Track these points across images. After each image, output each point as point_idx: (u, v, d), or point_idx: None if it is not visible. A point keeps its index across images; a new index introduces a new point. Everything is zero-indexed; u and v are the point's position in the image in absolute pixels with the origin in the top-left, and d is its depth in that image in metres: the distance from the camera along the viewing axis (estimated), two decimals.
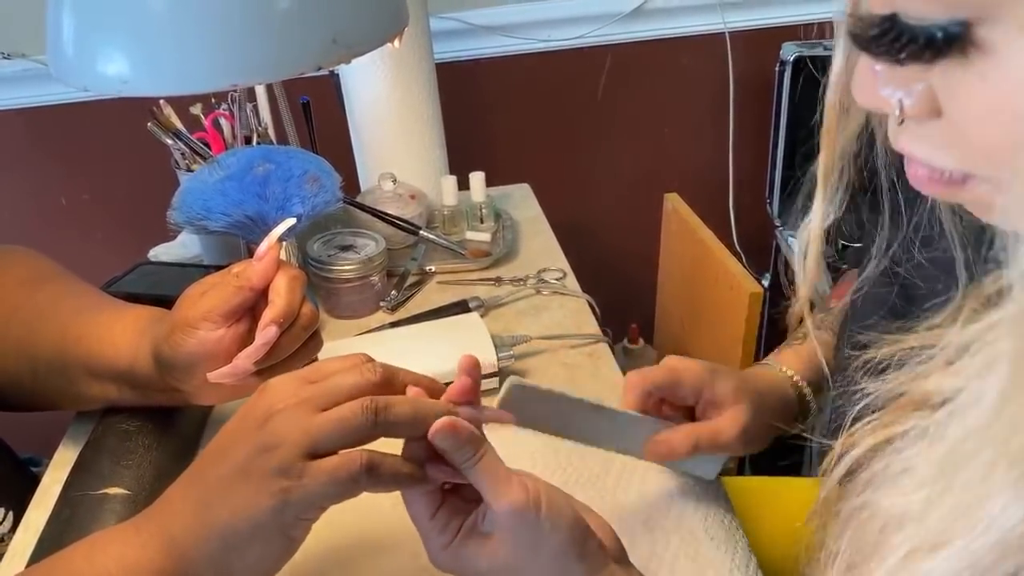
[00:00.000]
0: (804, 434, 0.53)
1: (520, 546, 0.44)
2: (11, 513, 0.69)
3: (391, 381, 0.47)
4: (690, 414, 0.62)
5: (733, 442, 0.59)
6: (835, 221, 0.46)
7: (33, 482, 0.72)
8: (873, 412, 0.40)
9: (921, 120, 0.31)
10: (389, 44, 0.63)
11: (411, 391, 0.47)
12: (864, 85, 0.32)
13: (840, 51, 0.37)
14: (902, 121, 0.32)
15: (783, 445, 0.63)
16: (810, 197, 0.47)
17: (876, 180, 0.46)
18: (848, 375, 0.43)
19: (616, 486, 0.65)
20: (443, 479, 0.46)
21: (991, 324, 0.31)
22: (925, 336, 0.39)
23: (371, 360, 0.48)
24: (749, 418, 0.59)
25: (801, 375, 0.66)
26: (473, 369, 0.48)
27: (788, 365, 0.67)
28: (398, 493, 0.46)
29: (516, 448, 0.45)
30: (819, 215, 0.45)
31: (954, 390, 0.33)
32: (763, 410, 0.61)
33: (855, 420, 0.41)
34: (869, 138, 0.43)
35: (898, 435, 0.37)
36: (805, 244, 0.48)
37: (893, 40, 0.29)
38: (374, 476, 0.43)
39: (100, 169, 1.39)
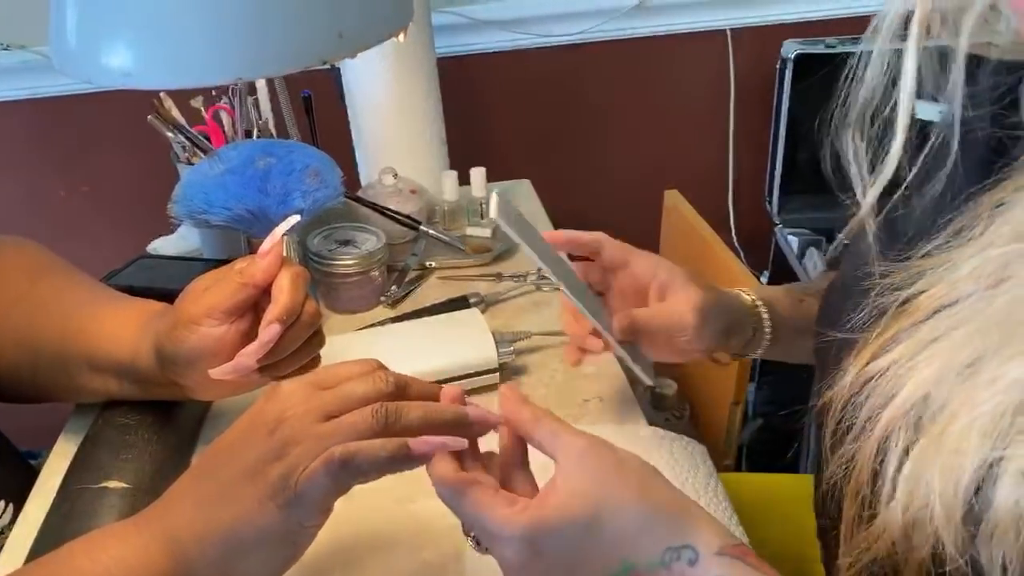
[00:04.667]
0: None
1: (607, 472, 0.42)
2: (11, 506, 0.68)
3: (404, 391, 0.46)
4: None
5: (690, 318, 0.60)
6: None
7: (32, 475, 0.71)
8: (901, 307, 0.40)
9: None
10: (393, 38, 0.63)
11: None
12: None
13: None
14: None
15: (780, 441, 0.64)
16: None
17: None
18: (869, 297, 0.43)
19: None
20: (428, 451, 0.44)
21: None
22: (938, 259, 0.39)
23: (383, 368, 0.47)
24: (703, 299, 0.61)
25: (760, 297, 0.67)
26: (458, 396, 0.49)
27: (751, 290, 0.68)
28: (401, 492, 0.46)
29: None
30: (910, 85, 0.41)
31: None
32: (716, 298, 0.63)
33: (879, 319, 0.41)
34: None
35: (931, 313, 0.37)
36: (862, 113, 0.44)
37: None
38: (352, 467, 0.42)
39: (99, 161, 1.39)
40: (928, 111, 0.44)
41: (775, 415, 1.46)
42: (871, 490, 0.38)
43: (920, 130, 0.45)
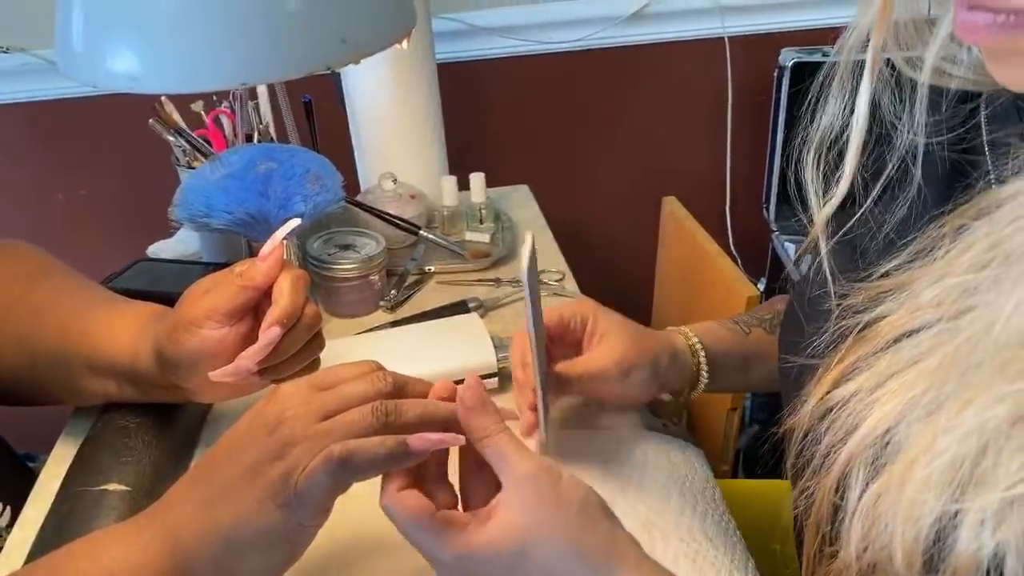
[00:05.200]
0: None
1: (544, 507, 0.42)
2: (9, 508, 0.68)
3: (402, 391, 0.47)
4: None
5: (609, 370, 0.61)
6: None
7: (30, 478, 0.71)
8: (861, 332, 0.40)
9: None
10: (396, 45, 0.63)
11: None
12: None
13: None
14: None
15: (776, 448, 0.64)
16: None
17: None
18: (829, 320, 0.43)
19: (615, 487, 0.65)
20: (427, 448, 0.44)
21: (996, 220, 0.32)
22: (899, 279, 0.39)
23: (382, 368, 0.48)
24: (623, 352, 0.62)
25: (698, 337, 0.68)
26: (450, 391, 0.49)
27: (691, 330, 0.69)
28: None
29: None
30: (865, 96, 0.43)
31: (959, 285, 0.34)
32: (643, 347, 0.64)
33: (840, 343, 0.41)
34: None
35: (894, 339, 0.38)
36: (821, 139, 0.46)
37: None
38: (351, 466, 0.43)
39: (98, 165, 1.39)
40: None
41: (771, 422, 1.47)
42: (831, 526, 0.38)
43: (878, 155, 0.46)
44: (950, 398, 0.32)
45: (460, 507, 0.48)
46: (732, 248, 1.55)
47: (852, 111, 0.44)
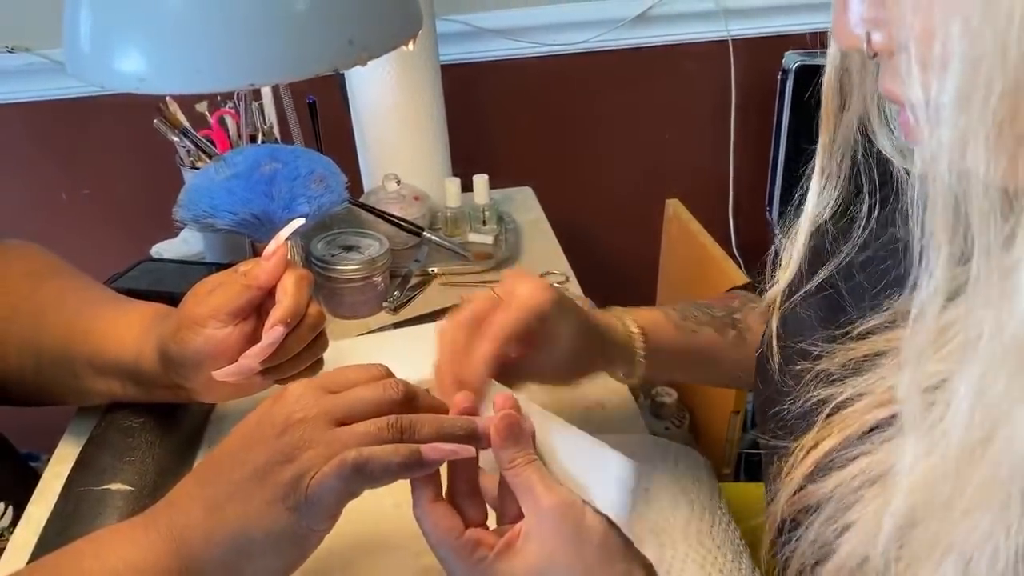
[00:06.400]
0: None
1: (564, 542, 0.43)
2: (11, 508, 0.68)
3: (413, 400, 0.47)
4: None
5: (544, 300, 0.53)
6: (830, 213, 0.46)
7: (33, 477, 0.72)
8: (830, 415, 0.41)
9: (892, 56, 0.32)
10: (402, 46, 0.63)
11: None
12: (838, 25, 0.34)
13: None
14: (874, 56, 0.33)
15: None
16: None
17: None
18: (801, 386, 0.44)
19: None
20: (440, 459, 0.44)
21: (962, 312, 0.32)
22: (875, 343, 0.39)
23: (392, 375, 0.48)
24: (551, 287, 0.54)
25: (639, 326, 0.62)
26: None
27: (633, 316, 0.63)
28: (400, 496, 0.46)
29: None
30: (814, 196, 0.45)
31: (932, 375, 0.33)
32: (572, 315, 0.56)
33: (811, 423, 0.41)
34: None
35: (867, 430, 0.38)
36: (796, 228, 0.47)
37: None
38: (365, 473, 0.42)
39: (101, 165, 1.39)
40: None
41: None
42: None
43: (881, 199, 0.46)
44: (920, 551, 0.32)
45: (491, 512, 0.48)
46: (735, 251, 1.55)
47: (840, 197, 0.45)
